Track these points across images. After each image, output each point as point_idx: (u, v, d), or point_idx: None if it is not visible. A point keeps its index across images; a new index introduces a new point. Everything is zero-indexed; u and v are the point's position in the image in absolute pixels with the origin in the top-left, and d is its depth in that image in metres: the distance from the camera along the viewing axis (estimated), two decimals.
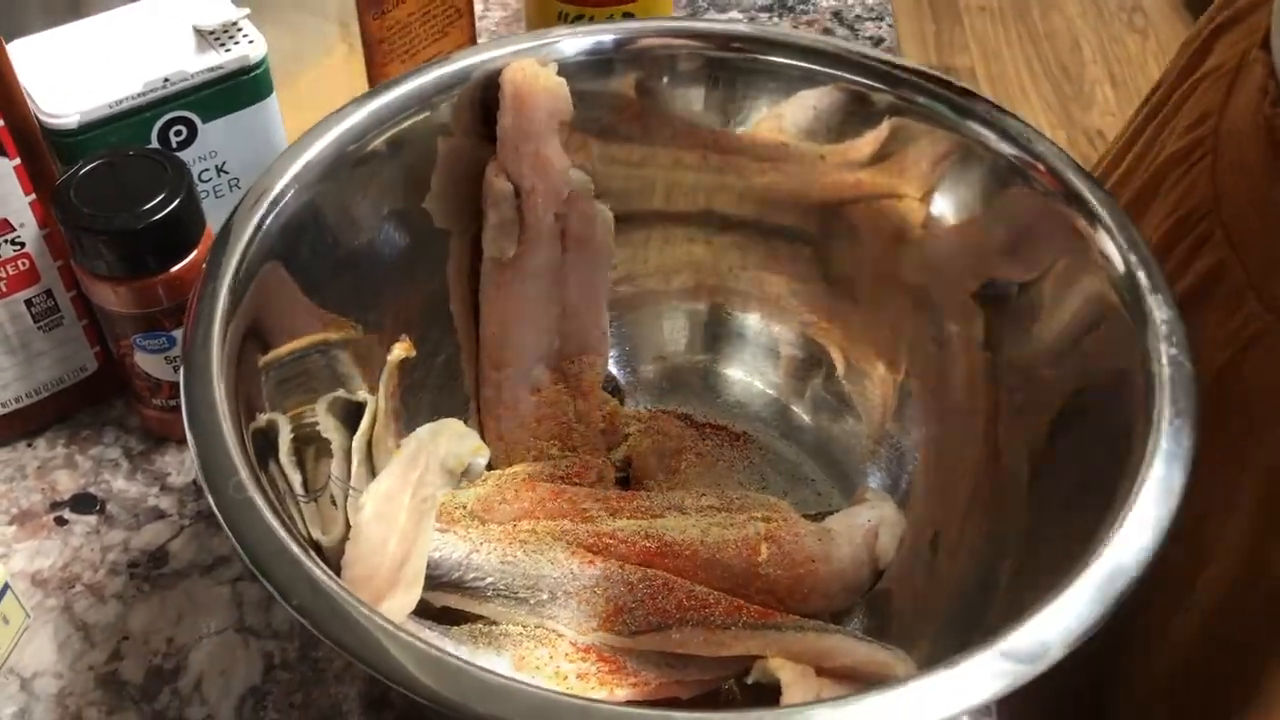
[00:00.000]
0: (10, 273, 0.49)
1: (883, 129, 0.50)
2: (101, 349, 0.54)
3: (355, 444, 0.46)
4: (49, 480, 0.54)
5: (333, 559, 0.42)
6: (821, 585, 0.46)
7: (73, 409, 0.56)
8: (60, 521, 0.52)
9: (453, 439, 0.45)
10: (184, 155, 0.53)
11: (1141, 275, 0.41)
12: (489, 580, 0.44)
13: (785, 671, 0.40)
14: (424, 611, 0.44)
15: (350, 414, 0.46)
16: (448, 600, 0.45)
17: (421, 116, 0.48)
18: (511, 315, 0.51)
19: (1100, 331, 0.42)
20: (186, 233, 0.49)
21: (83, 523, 0.52)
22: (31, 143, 0.47)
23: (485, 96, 0.48)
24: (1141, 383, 0.38)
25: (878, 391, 0.53)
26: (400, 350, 0.48)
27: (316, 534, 0.41)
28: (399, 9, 0.59)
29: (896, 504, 0.49)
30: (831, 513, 0.49)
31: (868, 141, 0.50)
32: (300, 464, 0.42)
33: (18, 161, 0.47)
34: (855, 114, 0.50)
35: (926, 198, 0.49)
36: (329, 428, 0.45)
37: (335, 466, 0.45)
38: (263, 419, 0.41)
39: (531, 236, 0.50)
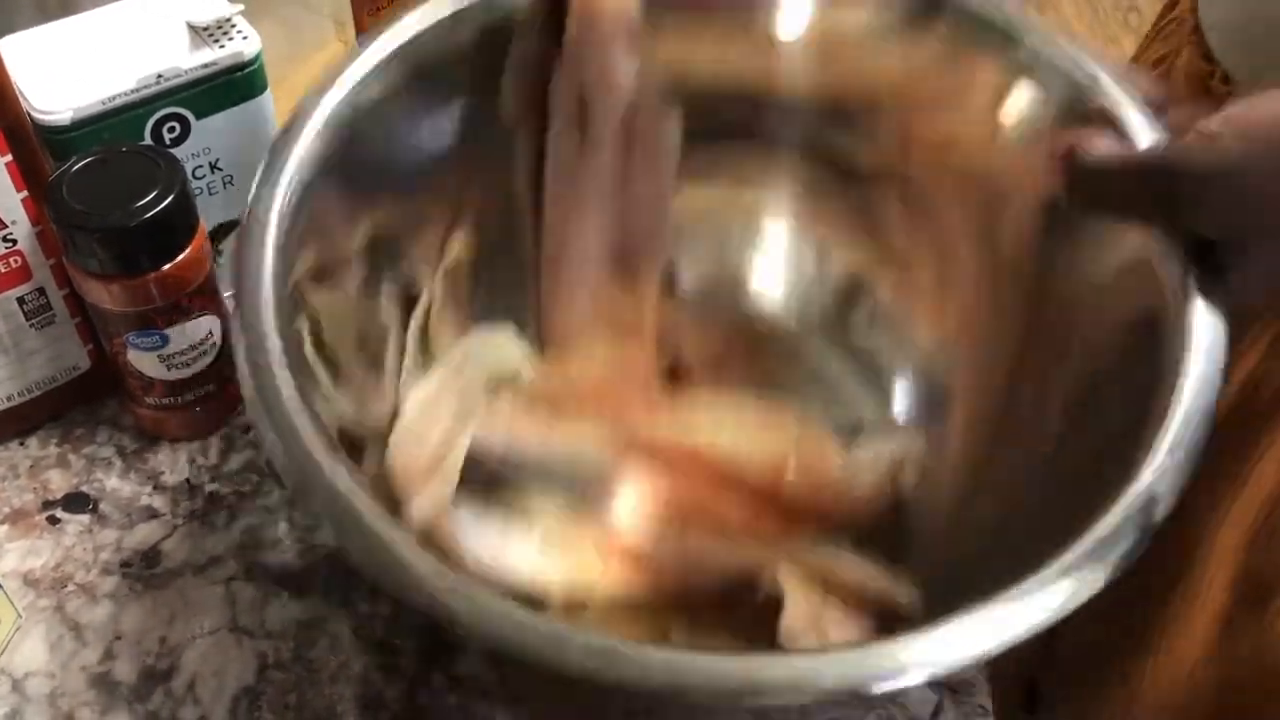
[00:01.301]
0: (2, 270, 0.49)
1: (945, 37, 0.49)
2: (94, 347, 0.54)
3: (410, 330, 0.48)
4: (41, 479, 0.53)
5: (372, 438, 0.43)
6: (841, 508, 0.47)
7: (65, 408, 0.55)
8: (52, 521, 0.52)
9: (500, 349, 0.46)
10: (177, 152, 0.53)
11: None
12: (529, 464, 0.47)
13: (790, 586, 0.42)
14: (465, 491, 0.46)
15: (409, 301, 0.48)
16: (487, 489, 0.46)
17: (489, 19, 0.47)
18: (573, 213, 0.51)
19: (1140, 271, 0.41)
20: (180, 230, 0.48)
21: (75, 522, 0.52)
22: (23, 139, 0.47)
23: (555, 3, 0.48)
24: (1174, 328, 0.38)
25: (925, 311, 0.53)
26: (459, 245, 0.50)
27: (351, 411, 0.42)
28: (393, 5, 0.58)
29: (929, 432, 0.50)
30: (865, 432, 0.50)
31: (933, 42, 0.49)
32: (338, 354, 0.43)
33: (9, 158, 0.47)
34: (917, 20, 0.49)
35: (991, 110, 0.48)
36: (389, 313, 0.47)
37: (390, 352, 0.47)
38: (310, 306, 0.41)
39: (596, 140, 0.50)
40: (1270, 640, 0.51)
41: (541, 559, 0.44)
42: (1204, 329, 0.37)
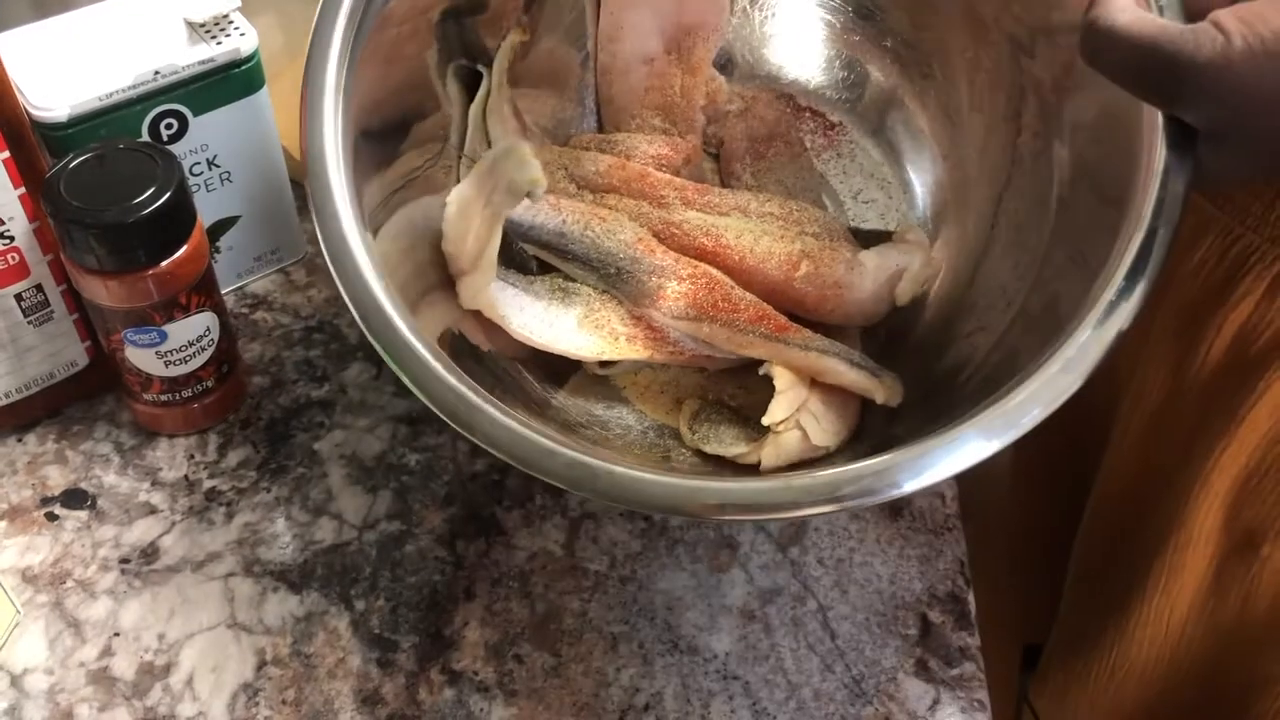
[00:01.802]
0: (0, 266, 0.49)
1: None
2: (92, 344, 0.54)
3: (472, 111, 0.54)
4: (39, 475, 0.53)
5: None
6: (842, 308, 0.52)
7: (63, 404, 0.55)
8: (51, 517, 0.52)
9: (516, 166, 0.49)
10: (175, 148, 0.53)
11: None
12: (572, 247, 0.52)
13: (781, 378, 0.48)
14: (519, 265, 0.54)
15: (472, 81, 0.54)
16: (540, 254, 0.54)
17: None
18: None
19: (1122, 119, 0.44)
20: (177, 227, 0.48)
21: (73, 518, 0.52)
22: (21, 136, 0.47)
23: None
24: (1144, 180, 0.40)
25: (936, 126, 0.56)
26: (516, 34, 0.55)
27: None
28: None
29: (940, 239, 0.54)
30: (885, 232, 0.56)
31: None
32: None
33: (7, 155, 0.47)
34: None
35: None
36: (453, 93, 0.54)
37: (453, 134, 0.54)
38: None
39: None
40: (1258, 588, 0.52)
41: (577, 333, 0.51)
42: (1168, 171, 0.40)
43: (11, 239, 0.49)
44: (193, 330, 0.51)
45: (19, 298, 0.50)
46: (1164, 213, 0.39)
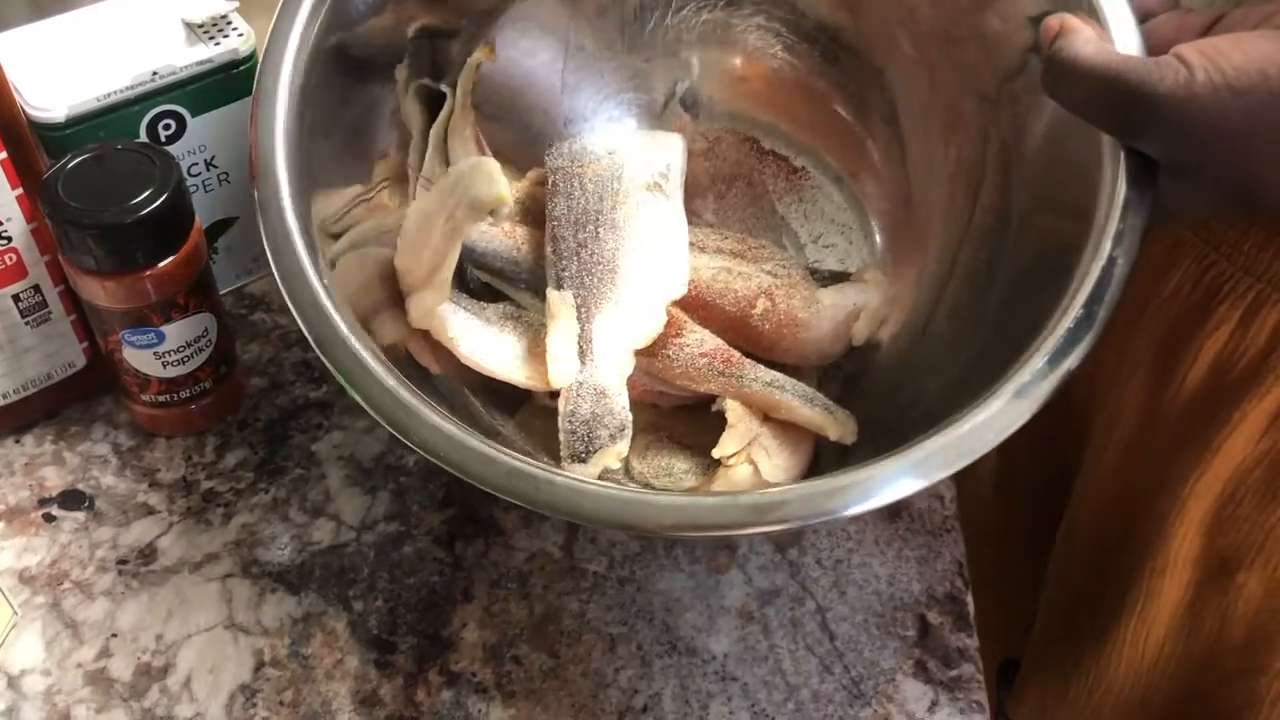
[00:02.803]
0: None
1: None
2: (90, 345, 0.54)
3: (433, 131, 0.53)
4: (37, 476, 0.53)
5: (375, 238, 0.49)
6: (798, 347, 0.52)
7: (61, 405, 0.55)
8: (48, 518, 0.52)
9: (485, 182, 0.48)
10: (173, 149, 0.53)
11: None
12: (523, 275, 0.52)
13: (732, 414, 0.48)
14: (470, 290, 0.52)
15: (434, 101, 0.54)
16: (490, 280, 0.53)
17: None
18: None
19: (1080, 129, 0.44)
20: (175, 227, 0.48)
21: (71, 519, 0.52)
22: (18, 136, 0.47)
23: None
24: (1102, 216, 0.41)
25: (920, 163, 0.55)
26: (481, 54, 0.54)
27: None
28: None
29: (891, 283, 0.54)
30: (843, 274, 0.55)
31: None
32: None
33: (4, 155, 0.46)
34: None
35: None
36: (413, 112, 0.53)
37: (412, 154, 0.53)
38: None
39: None
40: (1233, 615, 0.52)
41: (527, 362, 0.49)
42: (1125, 211, 0.40)
43: (9, 240, 0.48)
44: (191, 331, 0.51)
45: (17, 298, 0.50)
46: (1123, 244, 0.39)
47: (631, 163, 0.53)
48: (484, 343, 0.49)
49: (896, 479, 0.37)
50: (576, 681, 0.48)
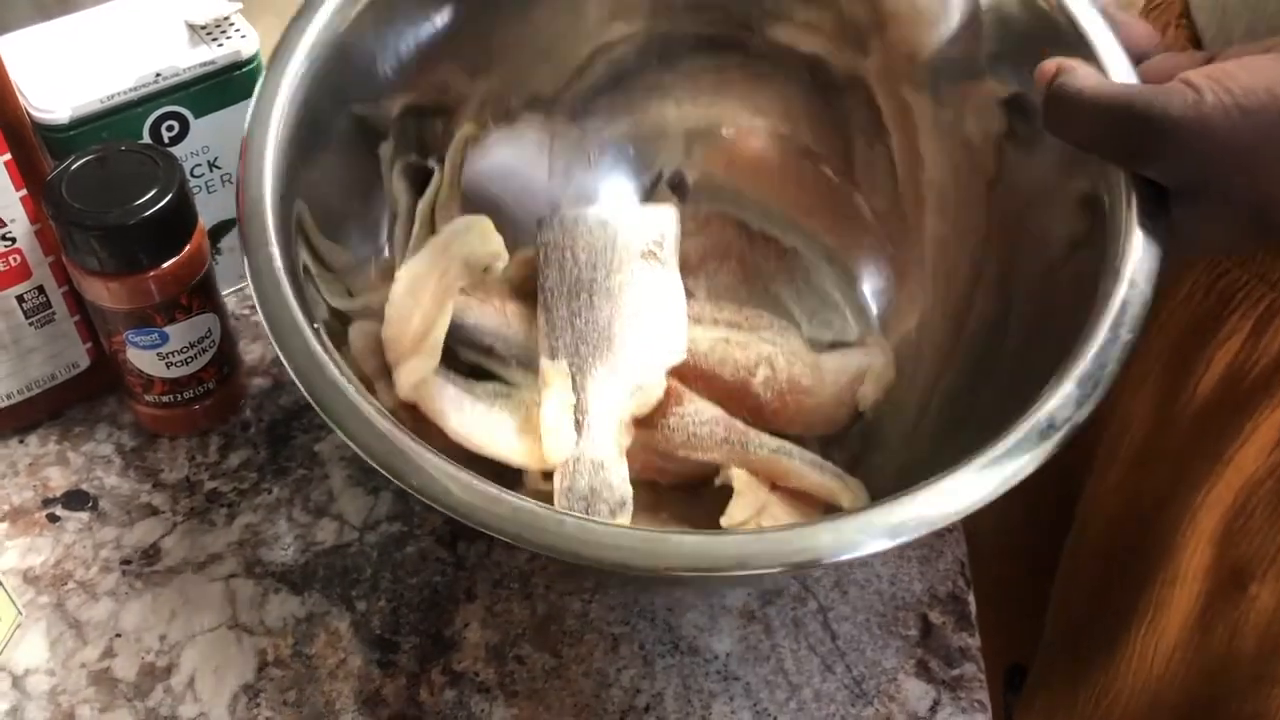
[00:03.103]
0: (1, 269, 0.49)
1: None
2: (93, 345, 0.54)
3: (420, 207, 0.51)
4: (41, 477, 0.53)
5: (363, 313, 0.47)
6: (803, 415, 0.50)
7: (65, 405, 0.55)
8: (52, 518, 0.52)
9: (479, 239, 0.48)
10: (176, 151, 0.53)
11: None
12: (514, 351, 0.50)
13: (739, 481, 0.46)
14: (456, 367, 0.49)
15: (420, 179, 0.52)
16: (479, 359, 0.50)
17: None
18: None
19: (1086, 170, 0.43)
20: (179, 228, 0.48)
21: (75, 519, 0.52)
22: (22, 138, 0.47)
23: None
24: (1112, 259, 0.40)
25: (903, 232, 0.54)
26: (470, 129, 0.53)
27: (341, 302, 0.46)
28: None
29: (894, 346, 0.52)
30: (840, 345, 0.53)
31: None
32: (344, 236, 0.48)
33: (8, 156, 0.47)
34: None
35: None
36: (399, 190, 0.51)
37: (399, 228, 0.51)
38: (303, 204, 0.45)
39: None
40: (1245, 626, 0.52)
41: (519, 440, 0.47)
42: (1136, 262, 0.39)
43: (13, 240, 0.49)
44: (194, 332, 0.51)
45: (20, 299, 0.50)
46: (1126, 319, 0.38)
47: (625, 232, 0.52)
48: (474, 419, 0.47)
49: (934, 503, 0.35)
50: (579, 681, 0.48)
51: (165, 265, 0.48)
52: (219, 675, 0.47)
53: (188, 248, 0.49)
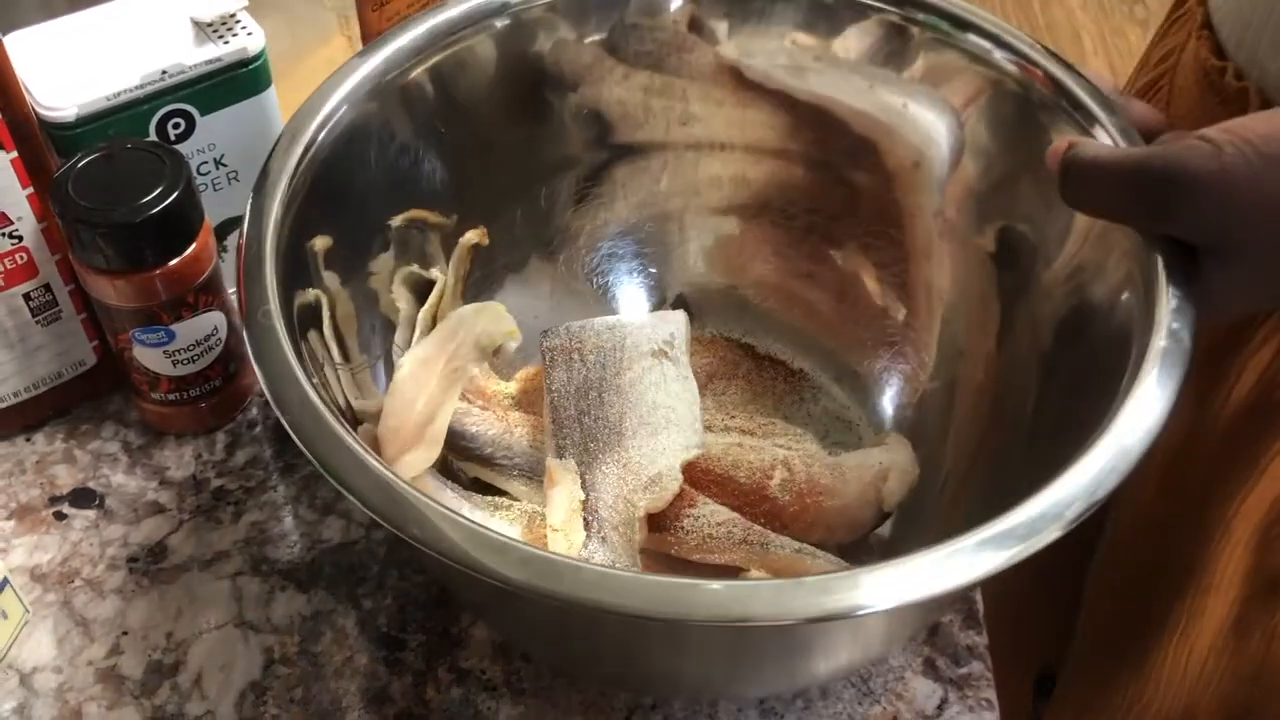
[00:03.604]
0: (8, 266, 0.49)
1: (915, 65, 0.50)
2: (100, 343, 0.54)
3: (421, 315, 0.50)
4: (48, 475, 0.53)
5: (370, 415, 0.46)
6: (825, 517, 0.47)
7: (71, 403, 0.55)
8: (59, 516, 0.52)
9: (491, 320, 0.47)
10: (182, 148, 0.53)
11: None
12: (516, 461, 0.48)
13: (759, 577, 0.43)
14: (455, 479, 0.48)
15: (422, 288, 0.51)
16: (478, 472, 0.49)
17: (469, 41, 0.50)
18: None
19: (1104, 263, 0.42)
20: (185, 226, 0.48)
21: (82, 517, 0.52)
22: (29, 135, 0.47)
23: None
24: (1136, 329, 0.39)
25: (919, 337, 0.54)
26: (473, 235, 0.52)
27: (354, 399, 0.45)
28: (397, 1, 0.58)
29: (918, 450, 0.50)
30: (856, 445, 0.52)
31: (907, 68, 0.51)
32: (341, 337, 0.46)
33: (15, 154, 0.47)
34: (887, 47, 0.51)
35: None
36: (401, 297, 0.50)
37: (399, 333, 0.50)
38: (310, 294, 0.43)
39: None
40: None
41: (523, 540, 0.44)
42: (1153, 370, 0.37)
43: (20, 238, 0.49)
44: (200, 330, 0.51)
45: (27, 297, 0.50)
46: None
47: (634, 334, 0.50)
48: (475, 519, 0.43)
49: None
50: (585, 679, 0.48)
51: (172, 263, 0.48)
52: (226, 673, 0.47)
53: (194, 245, 0.49)
